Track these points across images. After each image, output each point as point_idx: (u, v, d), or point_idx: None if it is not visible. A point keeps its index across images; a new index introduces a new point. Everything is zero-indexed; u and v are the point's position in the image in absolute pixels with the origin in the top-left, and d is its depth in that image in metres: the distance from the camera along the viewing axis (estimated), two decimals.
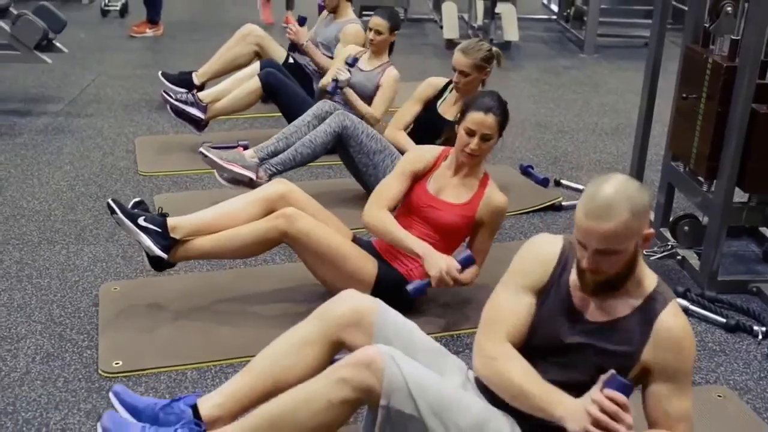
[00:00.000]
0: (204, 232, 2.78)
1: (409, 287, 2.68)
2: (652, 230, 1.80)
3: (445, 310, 2.95)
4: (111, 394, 2.10)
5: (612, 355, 1.85)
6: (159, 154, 4.37)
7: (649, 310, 1.86)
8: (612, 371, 1.76)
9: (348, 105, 4.10)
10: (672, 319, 1.85)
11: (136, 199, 2.86)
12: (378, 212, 2.80)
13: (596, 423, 1.69)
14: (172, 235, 2.74)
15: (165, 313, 2.85)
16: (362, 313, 2.05)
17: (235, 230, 2.76)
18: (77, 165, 4.20)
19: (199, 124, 4.36)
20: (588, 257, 1.77)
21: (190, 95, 4.34)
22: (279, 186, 2.89)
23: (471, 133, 2.74)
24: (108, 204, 2.73)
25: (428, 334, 2.16)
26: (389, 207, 2.83)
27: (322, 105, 3.78)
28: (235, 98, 4.35)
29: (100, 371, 2.53)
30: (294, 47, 4.76)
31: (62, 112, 5.00)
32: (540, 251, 1.97)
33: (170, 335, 2.73)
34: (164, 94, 4.34)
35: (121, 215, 2.71)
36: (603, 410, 1.69)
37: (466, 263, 2.68)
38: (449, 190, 2.83)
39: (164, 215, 2.77)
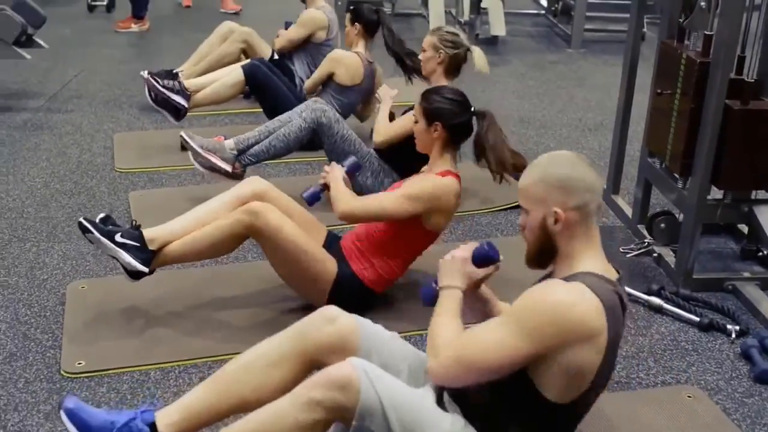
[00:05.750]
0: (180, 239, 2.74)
1: (305, 195, 2.88)
2: (561, 212, 1.78)
3: (415, 310, 2.91)
4: (62, 413, 1.96)
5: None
6: (137, 150, 4.34)
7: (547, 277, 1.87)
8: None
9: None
10: (557, 281, 1.78)
11: (102, 215, 2.76)
12: None
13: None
14: (150, 247, 2.68)
15: (131, 312, 2.82)
16: (345, 338, 1.99)
17: (202, 231, 2.72)
18: (54, 162, 4.17)
19: (179, 113, 4.32)
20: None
21: (176, 83, 4.31)
22: (253, 185, 2.85)
23: None
24: (80, 224, 2.65)
25: (401, 332, 2.14)
26: None
27: (311, 104, 3.71)
28: (217, 89, 4.35)
29: (62, 372, 2.51)
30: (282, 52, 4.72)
31: (42, 108, 4.97)
32: None
33: (135, 335, 2.71)
34: (151, 78, 4.29)
35: (96, 234, 2.63)
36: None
37: (351, 166, 2.89)
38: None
39: (138, 227, 2.72)
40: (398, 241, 2.79)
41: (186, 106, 4.31)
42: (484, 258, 1.97)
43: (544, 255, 1.86)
